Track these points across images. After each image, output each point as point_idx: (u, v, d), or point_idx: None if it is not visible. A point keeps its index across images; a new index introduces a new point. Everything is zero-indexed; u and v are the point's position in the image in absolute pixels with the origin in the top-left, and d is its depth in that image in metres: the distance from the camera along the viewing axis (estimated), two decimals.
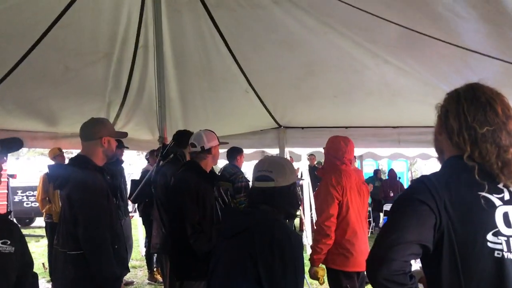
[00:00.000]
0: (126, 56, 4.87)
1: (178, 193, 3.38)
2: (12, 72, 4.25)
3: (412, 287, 1.41)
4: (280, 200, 2.14)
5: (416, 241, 1.43)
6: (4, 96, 4.56)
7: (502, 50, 3.26)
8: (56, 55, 4.39)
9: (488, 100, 1.53)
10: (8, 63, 4.18)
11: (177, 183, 3.50)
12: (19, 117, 5.05)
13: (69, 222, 2.80)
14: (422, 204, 1.44)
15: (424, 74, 4.09)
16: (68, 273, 2.78)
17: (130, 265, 7.23)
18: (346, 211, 3.73)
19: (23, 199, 11.69)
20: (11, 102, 4.77)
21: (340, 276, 3.68)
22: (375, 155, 13.04)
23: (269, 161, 2.25)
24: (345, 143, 3.92)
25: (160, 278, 6.88)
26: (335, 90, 5.00)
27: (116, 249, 2.88)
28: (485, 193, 1.44)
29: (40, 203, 6.64)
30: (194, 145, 3.52)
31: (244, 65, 4.98)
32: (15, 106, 4.84)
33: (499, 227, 1.42)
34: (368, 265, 1.47)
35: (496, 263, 1.41)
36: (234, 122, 6.22)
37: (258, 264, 1.93)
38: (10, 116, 4.99)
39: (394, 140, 5.82)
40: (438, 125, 1.66)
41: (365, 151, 12.50)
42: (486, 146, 1.47)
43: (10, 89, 4.47)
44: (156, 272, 6.99)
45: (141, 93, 5.47)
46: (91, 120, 3.03)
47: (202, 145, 3.48)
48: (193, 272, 3.30)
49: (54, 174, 3.10)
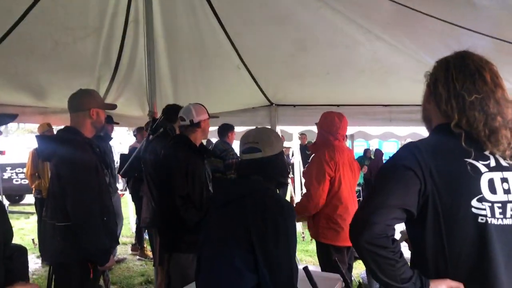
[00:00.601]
0: (116, 31, 4.79)
1: (167, 166, 3.37)
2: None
3: (395, 250, 1.42)
4: (269, 170, 2.15)
5: (400, 206, 1.44)
6: None
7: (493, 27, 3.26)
8: (44, 29, 4.31)
9: (477, 68, 1.53)
10: None
11: (166, 156, 3.48)
12: (7, 91, 4.97)
13: (58, 194, 2.79)
14: (407, 170, 1.45)
15: (416, 51, 4.07)
16: (57, 244, 2.78)
17: (121, 242, 7.27)
18: (338, 187, 3.75)
19: (12, 176, 11.61)
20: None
21: (330, 250, 3.72)
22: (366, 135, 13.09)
23: (254, 132, 2.26)
24: (339, 118, 3.92)
25: (150, 254, 6.86)
26: (327, 67, 4.97)
27: (105, 221, 2.88)
28: (471, 160, 1.45)
29: (30, 179, 6.60)
30: (183, 118, 3.49)
31: (236, 41, 4.93)
32: (2, 80, 4.76)
33: (483, 193, 1.43)
34: (351, 228, 1.48)
35: (480, 228, 1.43)
36: (226, 99, 6.18)
37: (251, 232, 1.95)
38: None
39: (385, 118, 5.83)
40: (427, 93, 1.66)
41: (356, 130, 12.54)
42: (474, 113, 1.48)
43: None
44: (146, 248, 7.02)
45: (131, 69, 5.41)
46: (79, 91, 2.98)
47: (191, 119, 3.45)
48: (181, 244, 3.31)
49: (42, 146, 3.07)
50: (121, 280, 5.85)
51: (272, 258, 1.94)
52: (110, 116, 6.06)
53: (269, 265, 1.94)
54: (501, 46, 3.39)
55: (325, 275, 3.21)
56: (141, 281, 5.85)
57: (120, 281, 5.80)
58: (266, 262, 1.93)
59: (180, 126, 3.56)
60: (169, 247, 3.44)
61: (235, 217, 2.03)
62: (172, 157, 3.39)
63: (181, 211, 3.22)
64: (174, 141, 3.57)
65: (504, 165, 1.48)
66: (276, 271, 1.94)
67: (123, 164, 4.26)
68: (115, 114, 6.02)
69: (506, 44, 3.37)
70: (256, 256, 1.95)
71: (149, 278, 5.82)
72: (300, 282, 2.04)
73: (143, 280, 5.87)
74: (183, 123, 3.50)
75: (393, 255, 1.41)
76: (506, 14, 3.02)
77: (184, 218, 3.22)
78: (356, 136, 13.82)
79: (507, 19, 3.08)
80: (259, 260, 1.94)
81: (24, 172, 8.94)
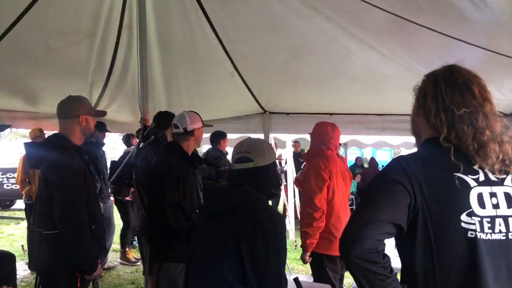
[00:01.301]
0: (110, 36, 4.77)
1: (158, 174, 3.33)
2: None
3: (385, 265, 1.41)
4: (261, 180, 2.14)
5: (390, 221, 1.42)
6: None
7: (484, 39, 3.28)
8: (37, 34, 4.28)
9: (466, 82, 1.53)
10: None
11: (157, 164, 3.43)
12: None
13: (45, 202, 2.76)
14: (397, 184, 1.44)
15: (408, 61, 4.08)
16: (43, 253, 2.75)
17: (112, 249, 7.23)
18: (332, 196, 3.76)
19: (3, 181, 11.52)
20: None
21: (323, 259, 3.71)
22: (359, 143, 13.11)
23: (247, 142, 2.24)
24: (332, 129, 3.96)
25: (132, 258, 7.00)
26: (320, 75, 4.98)
27: (94, 230, 2.84)
28: (460, 174, 1.44)
29: (20, 184, 6.56)
30: (176, 126, 3.45)
31: (229, 49, 4.92)
32: None
33: (473, 208, 1.42)
34: (341, 243, 1.46)
35: (469, 243, 1.42)
36: (219, 106, 6.17)
37: (241, 243, 1.93)
38: None
39: (378, 127, 5.86)
40: (416, 106, 1.66)
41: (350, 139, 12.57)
42: (463, 127, 1.48)
43: None
44: (128, 252, 7.05)
45: (124, 75, 5.39)
46: (68, 98, 2.96)
47: (185, 127, 3.42)
48: (171, 253, 3.27)
49: (30, 153, 3.04)
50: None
51: (261, 269, 1.92)
52: (103, 123, 6.06)
53: (258, 276, 1.92)
54: (493, 58, 3.41)
55: (315, 286, 3.20)
56: None
57: None
58: (254, 273, 1.92)
59: (173, 133, 3.52)
60: (159, 257, 3.39)
61: (225, 227, 2.01)
62: (163, 164, 3.35)
63: (171, 221, 3.18)
64: (166, 149, 3.53)
65: (493, 179, 1.47)
66: (264, 282, 1.92)
67: (114, 171, 4.22)
68: (107, 120, 5.99)
69: (497, 55, 3.39)
70: (245, 267, 1.93)
71: (139, 286, 5.76)
72: None
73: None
74: (176, 131, 3.46)
75: (383, 271, 1.40)
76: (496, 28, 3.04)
77: (173, 228, 3.18)
78: (349, 145, 13.84)
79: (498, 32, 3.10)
80: (247, 271, 1.92)
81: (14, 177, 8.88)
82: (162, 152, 3.50)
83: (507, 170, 1.48)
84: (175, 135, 3.50)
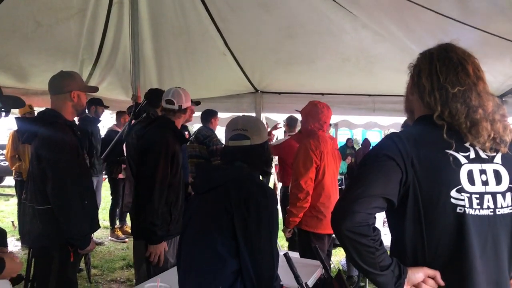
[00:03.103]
0: (100, 12, 4.72)
1: (152, 151, 3.20)
2: None
3: (375, 238, 1.44)
4: (256, 158, 2.16)
5: (381, 195, 1.45)
6: None
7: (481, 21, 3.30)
8: (26, 10, 4.22)
9: (460, 60, 1.55)
10: None
11: (151, 140, 3.29)
12: None
13: (37, 177, 2.76)
14: (389, 160, 1.46)
15: (402, 40, 4.09)
16: (36, 228, 2.75)
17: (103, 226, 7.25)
18: (322, 176, 3.79)
19: None
20: None
21: (311, 237, 3.76)
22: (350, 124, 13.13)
23: (242, 120, 2.25)
24: (325, 108, 3.95)
25: (121, 235, 7.14)
26: (313, 55, 4.98)
27: (86, 205, 2.85)
28: (451, 151, 1.47)
29: (10, 161, 6.51)
30: (171, 102, 3.36)
31: (222, 27, 4.90)
32: None
33: (463, 184, 1.46)
34: (332, 216, 1.49)
35: (458, 218, 1.45)
36: (210, 85, 6.15)
37: (234, 218, 1.95)
38: None
39: (369, 108, 5.89)
40: (410, 84, 1.67)
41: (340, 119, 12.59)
42: (456, 105, 1.50)
43: None
44: (116, 229, 7.18)
45: (115, 52, 5.34)
46: (60, 73, 2.93)
47: (180, 104, 3.36)
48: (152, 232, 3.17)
49: (22, 128, 3.02)
50: (102, 264, 5.83)
51: (254, 243, 1.95)
52: (100, 99, 6.05)
53: (250, 250, 1.95)
54: (487, 39, 3.43)
55: (305, 262, 3.25)
56: (122, 265, 5.83)
57: (101, 265, 5.78)
58: (247, 247, 1.95)
59: (165, 108, 3.44)
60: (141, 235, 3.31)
61: (218, 202, 2.03)
62: (160, 142, 3.22)
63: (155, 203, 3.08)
64: (158, 124, 3.43)
65: (483, 157, 1.51)
66: (257, 256, 1.95)
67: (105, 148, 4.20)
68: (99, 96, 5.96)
69: (492, 37, 3.40)
70: (237, 241, 1.96)
71: (130, 263, 5.79)
72: (281, 268, 2.06)
73: (124, 264, 5.85)
74: (170, 107, 3.36)
75: (373, 243, 1.43)
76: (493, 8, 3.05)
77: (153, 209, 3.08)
78: (340, 125, 13.86)
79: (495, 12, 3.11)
80: (240, 245, 1.95)
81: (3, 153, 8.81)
82: (154, 127, 3.38)
83: (497, 148, 1.51)
84: (168, 110, 3.42)
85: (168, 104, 3.36)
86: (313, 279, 2.85)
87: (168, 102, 3.36)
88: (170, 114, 3.39)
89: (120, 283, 5.25)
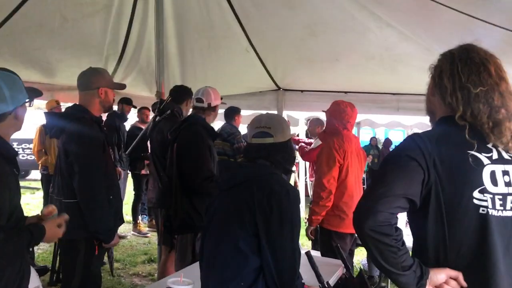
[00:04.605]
0: (125, 8, 4.77)
1: (193, 145, 3.37)
2: (7, 21, 4.17)
3: (397, 238, 1.44)
4: (278, 156, 2.16)
5: (403, 195, 1.46)
6: (1, 45, 4.50)
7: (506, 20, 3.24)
8: (53, 5, 4.30)
9: (482, 60, 1.54)
10: (3, 11, 4.09)
11: (186, 137, 3.46)
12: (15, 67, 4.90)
13: (65, 172, 2.82)
14: (411, 160, 1.47)
15: (426, 40, 4.05)
16: None
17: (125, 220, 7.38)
18: (346, 175, 3.79)
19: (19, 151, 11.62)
20: (8, 51, 4.71)
21: (333, 236, 3.76)
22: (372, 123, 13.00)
23: (266, 117, 2.26)
24: (350, 108, 3.95)
25: (143, 229, 7.27)
26: (336, 52, 4.95)
27: (111, 199, 2.91)
28: (474, 152, 1.47)
29: (36, 155, 6.65)
30: (201, 100, 3.48)
31: (245, 23, 4.91)
32: (10, 56, 4.77)
33: (485, 185, 1.45)
34: (355, 216, 1.50)
35: (481, 219, 1.45)
36: (233, 82, 6.16)
37: (256, 216, 1.96)
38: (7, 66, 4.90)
39: (393, 107, 5.82)
40: (431, 85, 1.67)
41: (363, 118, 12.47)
42: (478, 106, 1.49)
43: (6, 39, 4.40)
44: (139, 224, 7.30)
45: (139, 48, 5.40)
46: (89, 70, 2.99)
47: (209, 102, 3.46)
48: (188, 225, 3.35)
49: (50, 123, 3.09)
50: (124, 258, 5.92)
51: (276, 241, 1.96)
52: (129, 99, 6.17)
53: (272, 248, 1.96)
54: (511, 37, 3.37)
55: (326, 261, 3.26)
56: (144, 259, 5.92)
57: (124, 258, 5.88)
58: (269, 245, 1.96)
59: (195, 106, 3.55)
60: (181, 229, 3.49)
61: (240, 200, 2.04)
62: (197, 137, 3.39)
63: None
64: (190, 123, 3.54)
65: (506, 158, 1.50)
66: (279, 254, 1.96)
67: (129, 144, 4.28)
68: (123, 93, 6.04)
69: None
70: (259, 239, 1.97)
71: (152, 257, 5.89)
72: (302, 267, 2.07)
73: (146, 258, 5.94)
74: (199, 105, 3.49)
75: (395, 243, 1.44)
76: None
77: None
78: (362, 124, 13.73)
79: None
80: (262, 242, 1.96)
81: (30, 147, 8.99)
82: (186, 126, 3.51)
83: None
84: (197, 109, 3.53)
85: (197, 103, 3.48)
86: (334, 278, 2.86)
87: (198, 100, 3.49)
88: (199, 112, 3.51)
89: (142, 277, 5.33)
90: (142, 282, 5.15)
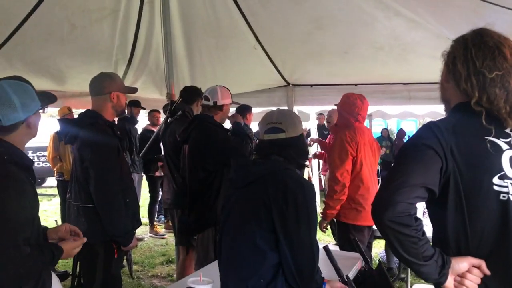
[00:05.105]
0: (132, 12, 4.80)
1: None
2: (18, 30, 4.22)
3: (417, 228, 1.42)
4: (291, 151, 2.15)
5: (422, 185, 1.43)
6: (12, 55, 4.54)
7: None
8: (61, 13, 4.34)
9: (497, 44, 1.50)
10: (13, 22, 4.14)
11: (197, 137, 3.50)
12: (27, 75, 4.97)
13: (81, 177, 2.84)
14: (429, 149, 1.44)
15: (436, 26, 4.00)
16: (81, 226, 2.82)
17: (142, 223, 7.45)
18: (360, 167, 3.76)
19: (34, 159, 11.74)
20: (19, 61, 4.76)
21: (350, 229, 3.74)
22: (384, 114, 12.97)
23: (277, 113, 2.25)
24: (361, 100, 3.92)
25: (160, 231, 7.37)
26: (344, 45, 4.93)
27: (128, 203, 2.92)
28: (492, 138, 1.44)
29: (51, 162, 6.71)
30: (207, 98, 3.49)
31: (252, 21, 4.91)
32: (22, 65, 4.82)
33: (505, 171, 1.42)
34: (373, 208, 1.48)
35: (502, 205, 1.42)
36: (242, 80, 6.16)
37: (272, 212, 1.96)
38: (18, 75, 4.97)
39: (404, 97, 5.78)
40: (445, 72, 1.63)
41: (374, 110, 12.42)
42: (494, 90, 1.46)
43: (17, 48, 4.45)
44: (156, 226, 7.40)
45: (148, 51, 5.43)
46: (100, 75, 3.01)
47: (215, 100, 3.46)
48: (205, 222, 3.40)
49: (64, 130, 3.12)
50: (142, 260, 5.97)
51: (293, 237, 1.95)
52: (137, 101, 6.19)
53: (290, 244, 1.95)
54: None
55: (345, 254, 3.24)
56: (162, 260, 5.96)
57: (142, 260, 5.92)
58: (287, 241, 1.95)
59: (202, 104, 3.57)
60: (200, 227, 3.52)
61: (256, 196, 2.04)
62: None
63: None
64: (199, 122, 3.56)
65: None
66: (297, 250, 1.95)
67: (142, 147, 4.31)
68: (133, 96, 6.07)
69: None
70: (277, 235, 1.97)
71: (170, 258, 5.93)
72: (320, 261, 2.06)
73: (164, 259, 5.98)
74: (206, 103, 3.49)
75: (415, 233, 1.42)
76: None
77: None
78: (374, 116, 13.68)
79: None
80: (280, 238, 1.96)
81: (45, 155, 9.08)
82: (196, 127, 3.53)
83: None
84: (204, 106, 3.54)
85: (204, 100, 3.48)
86: (353, 271, 2.84)
87: (204, 98, 3.50)
88: (205, 110, 3.50)
89: (161, 278, 5.37)
90: (161, 283, 5.19)
